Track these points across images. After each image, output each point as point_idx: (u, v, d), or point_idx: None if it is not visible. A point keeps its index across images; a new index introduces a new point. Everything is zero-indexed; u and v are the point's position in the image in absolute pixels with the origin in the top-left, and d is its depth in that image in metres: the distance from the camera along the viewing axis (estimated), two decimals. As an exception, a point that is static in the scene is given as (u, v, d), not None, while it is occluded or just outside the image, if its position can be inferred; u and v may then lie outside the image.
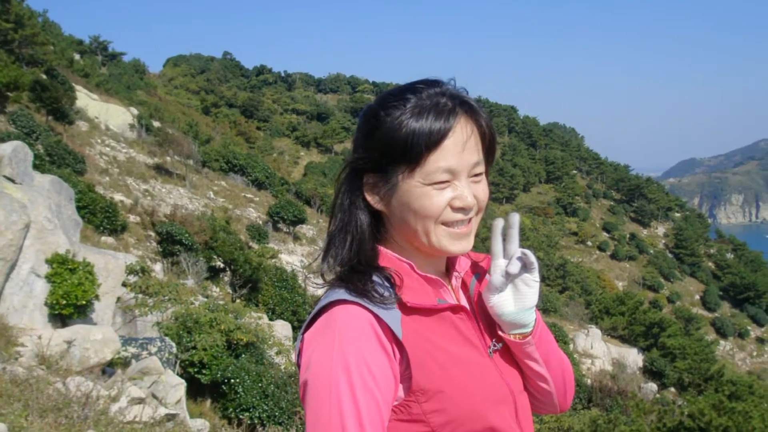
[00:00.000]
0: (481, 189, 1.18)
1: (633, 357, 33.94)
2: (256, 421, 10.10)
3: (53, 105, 24.70)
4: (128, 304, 11.74)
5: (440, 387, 1.10)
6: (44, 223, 9.71)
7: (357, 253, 1.19)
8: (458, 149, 1.13)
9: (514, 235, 1.23)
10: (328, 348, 1.06)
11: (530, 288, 1.22)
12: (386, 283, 1.14)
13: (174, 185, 28.72)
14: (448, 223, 1.16)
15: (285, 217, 29.72)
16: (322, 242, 1.25)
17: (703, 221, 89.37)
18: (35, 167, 11.47)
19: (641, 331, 35.99)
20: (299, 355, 1.13)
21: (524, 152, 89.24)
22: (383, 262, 1.19)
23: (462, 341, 1.17)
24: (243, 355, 11.69)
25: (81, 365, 8.33)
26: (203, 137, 40.86)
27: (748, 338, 57.85)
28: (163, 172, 29.78)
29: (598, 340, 33.31)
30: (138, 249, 18.44)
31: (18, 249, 9.02)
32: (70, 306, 9.40)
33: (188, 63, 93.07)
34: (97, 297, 9.95)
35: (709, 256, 74.54)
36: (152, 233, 20.00)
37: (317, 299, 1.18)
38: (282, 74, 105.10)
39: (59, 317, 9.52)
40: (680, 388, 30.28)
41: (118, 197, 21.85)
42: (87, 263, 9.86)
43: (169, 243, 18.75)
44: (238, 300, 18.42)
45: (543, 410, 1.35)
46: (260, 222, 29.58)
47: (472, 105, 1.17)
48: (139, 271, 12.70)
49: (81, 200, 16.16)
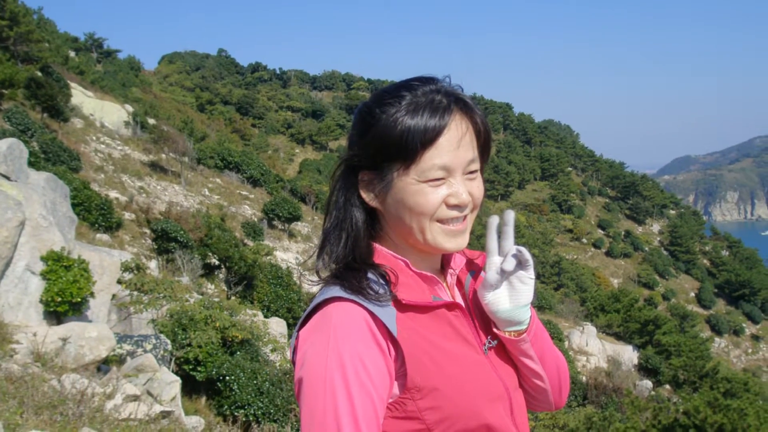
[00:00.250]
0: (476, 186, 1.18)
1: (628, 354, 33.97)
2: (251, 419, 10.10)
3: (48, 102, 24.62)
4: (123, 302, 11.74)
5: (435, 384, 1.10)
6: (39, 221, 9.68)
7: (352, 251, 1.19)
8: (453, 146, 1.13)
9: (509, 233, 1.23)
10: (324, 345, 1.06)
11: (525, 285, 1.22)
12: (381, 281, 1.14)
13: (169, 182, 28.65)
14: (443, 221, 1.16)
15: (280, 215, 29.69)
16: (317, 239, 1.25)
17: (698, 218, 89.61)
18: (30, 164, 11.44)
19: (636, 329, 36.03)
20: (294, 353, 1.13)
21: (519, 149, 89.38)
22: (378, 260, 1.19)
23: (457, 338, 1.17)
24: (238, 353, 11.69)
25: (76, 362, 8.31)
26: (198, 134, 40.73)
27: (743, 335, 58.09)
28: (158, 170, 29.71)
29: (593, 338, 33.32)
30: (133, 246, 18.41)
31: (13, 246, 9.00)
32: (65, 303, 9.39)
33: (183, 60, 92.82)
34: (92, 294, 9.94)
35: (704, 254, 74.78)
36: (147, 230, 19.97)
37: (312, 296, 1.18)
38: (277, 71, 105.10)
39: (54, 314, 9.50)
40: (675, 386, 30.34)
41: (113, 194, 21.80)
42: (82, 260, 9.85)
43: (164, 240, 18.74)
44: (233, 297, 18.43)
45: (538, 407, 1.35)
46: (255, 219, 29.53)
47: (467, 102, 1.17)
48: (134, 269, 12.69)
49: (76, 197, 16.12)
